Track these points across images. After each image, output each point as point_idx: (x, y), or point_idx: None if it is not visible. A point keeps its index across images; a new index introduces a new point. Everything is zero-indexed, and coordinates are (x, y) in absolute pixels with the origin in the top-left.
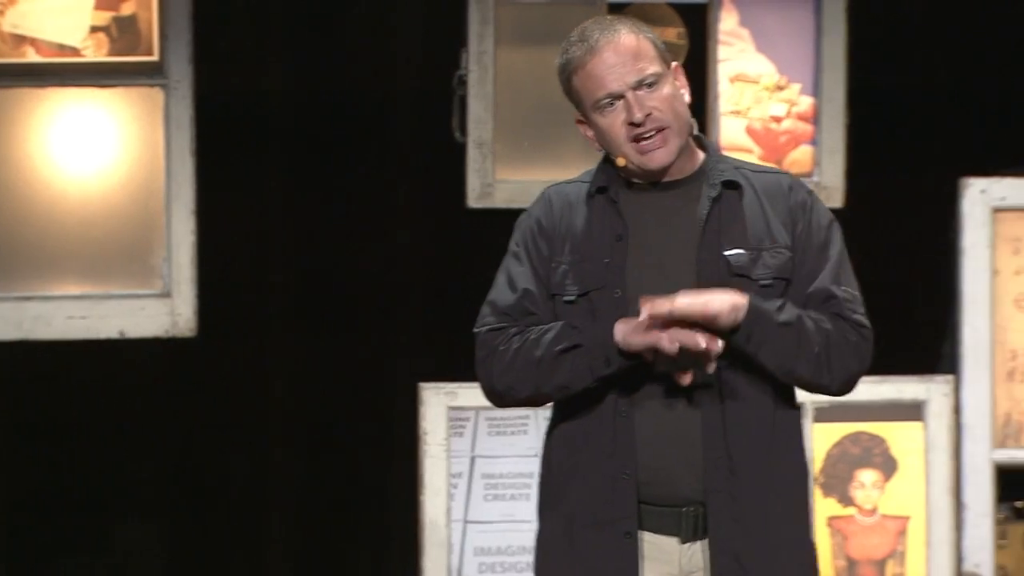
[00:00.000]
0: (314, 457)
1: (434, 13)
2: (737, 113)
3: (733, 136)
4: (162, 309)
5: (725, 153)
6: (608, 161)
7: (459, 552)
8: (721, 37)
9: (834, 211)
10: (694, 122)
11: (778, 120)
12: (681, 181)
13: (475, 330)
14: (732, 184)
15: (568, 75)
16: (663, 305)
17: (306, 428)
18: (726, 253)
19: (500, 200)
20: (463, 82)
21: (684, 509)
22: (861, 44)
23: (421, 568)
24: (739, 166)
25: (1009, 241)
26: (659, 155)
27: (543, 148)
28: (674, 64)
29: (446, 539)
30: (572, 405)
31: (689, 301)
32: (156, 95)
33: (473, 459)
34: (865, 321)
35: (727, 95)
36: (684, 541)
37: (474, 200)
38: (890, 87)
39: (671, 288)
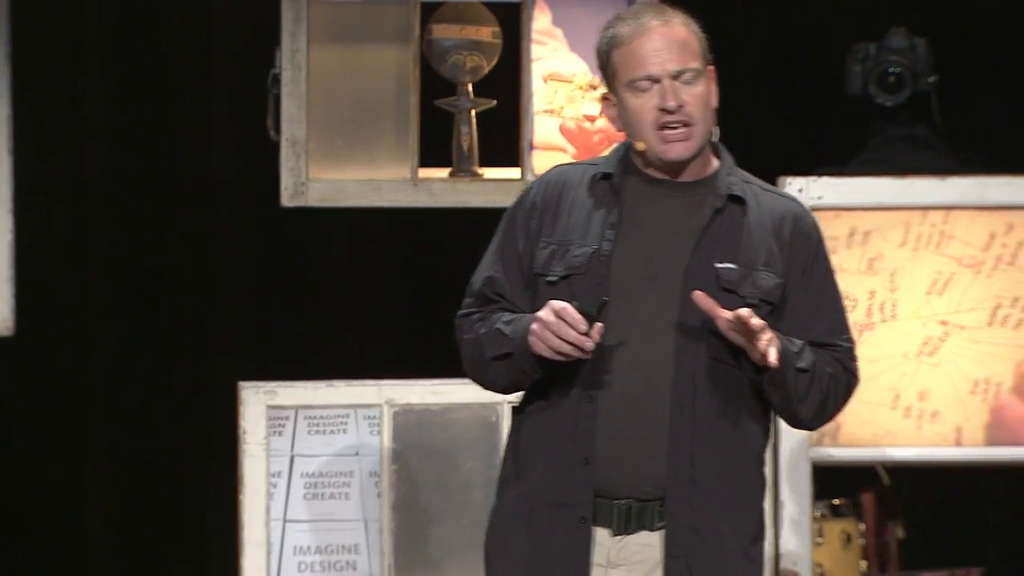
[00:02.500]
0: (133, 457)
1: (249, 11)
2: (551, 112)
3: (547, 135)
4: None
5: (739, 168)
6: (627, 150)
7: (278, 551)
8: (534, 36)
9: None
10: (716, 130)
11: (592, 119)
12: (690, 184)
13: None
14: (737, 199)
15: (610, 48)
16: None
17: (124, 428)
18: (717, 265)
19: (314, 199)
20: (277, 81)
21: (618, 502)
22: None
23: (240, 567)
24: (749, 181)
25: (827, 240)
26: (679, 148)
27: (357, 147)
28: (710, 67)
29: (265, 538)
30: (544, 384)
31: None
32: None
33: (292, 458)
34: (857, 371)
35: (540, 94)
36: (615, 534)
37: (288, 199)
38: None
39: (655, 288)
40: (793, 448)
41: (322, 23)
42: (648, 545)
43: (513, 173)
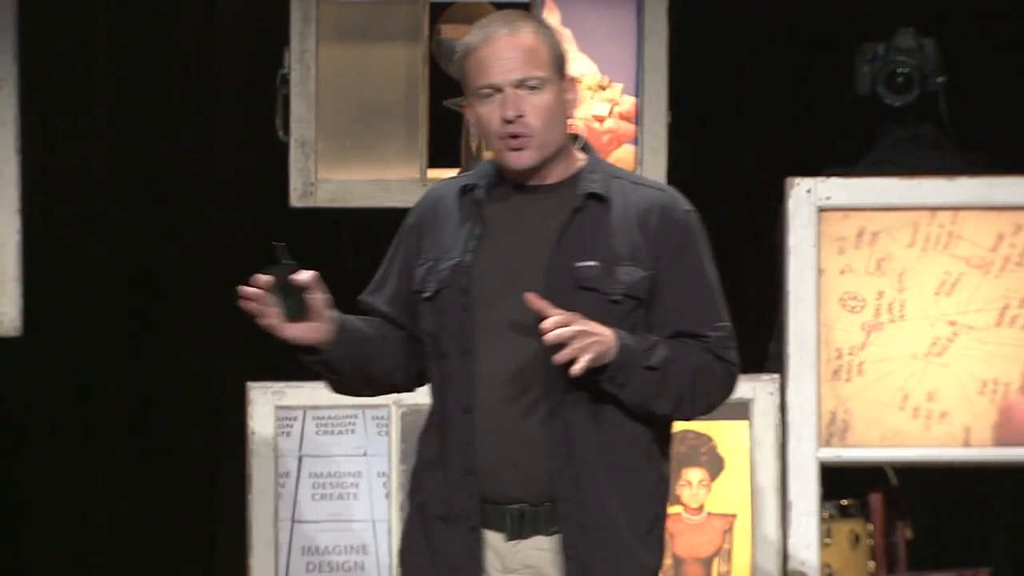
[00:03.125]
0: (141, 458)
1: (258, 11)
2: None
3: None
4: None
5: (610, 163)
6: (492, 161)
7: (287, 552)
8: None
9: None
10: (584, 136)
11: (600, 119)
12: (553, 186)
13: None
14: (597, 196)
15: (462, 58)
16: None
17: (132, 428)
18: (577, 264)
19: (322, 199)
20: (286, 81)
21: (510, 507)
22: (684, 44)
23: (249, 568)
24: (618, 176)
25: (834, 241)
26: (520, 156)
27: (365, 147)
28: (571, 77)
29: (273, 539)
30: (434, 398)
31: (576, 329)
32: None
33: (301, 458)
34: (735, 358)
35: None
36: (509, 539)
37: (297, 199)
38: (714, 87)
39: (517, 292)
40: (801, 449)
41: (331, 23)
42: (542, 549)
43: None
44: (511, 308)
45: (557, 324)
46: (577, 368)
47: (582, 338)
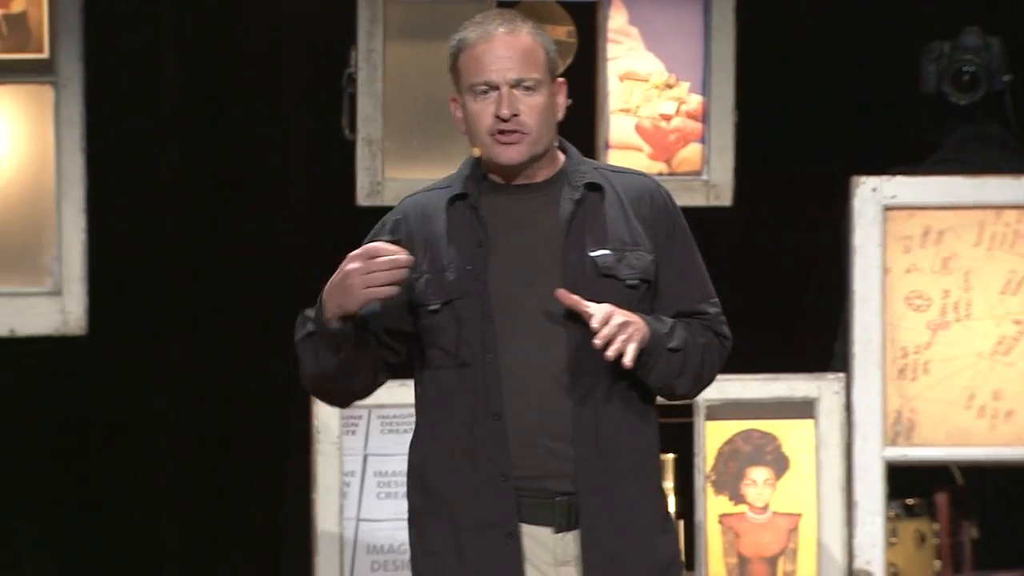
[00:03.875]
0: (206, 456)
1: (324, 10)
2: (627, 111)
3: (623, 134)
4: (53, 307)
5: (584, 156)
6: (473, 166)
7: (352, 550)
8: (610, 35)
9: (723, 209)
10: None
11: (667, 118)
12: (541, 184)
13: None
14: (594, 186)
15: (457, 52)
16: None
17: (197, 427)
18: (592, 254)
19: (389, 198)
20: (352, 80)
21: (557, 499)
22: (751, 42)
23: (314, 566)
24: (599, 167)
25: (899, 239)
26: (511, 151)
27: (432, 146)
28: (560, 80)
29: (339, 537)
30: (442, 410)
31: (619, 322)
32: (47, 93)
33: (366, 457)
34: (728, 332)
35: (616, 93)
36: (558, 531)
37: (363, 198)
38: (781, 85)
39: (537, 291)
40: (867, 448)
41: (397, 22)
42: (566, 542)
43: None
44: (531, 309)
45: (604, 320)
46: (628, 360)
47: (625, 329)
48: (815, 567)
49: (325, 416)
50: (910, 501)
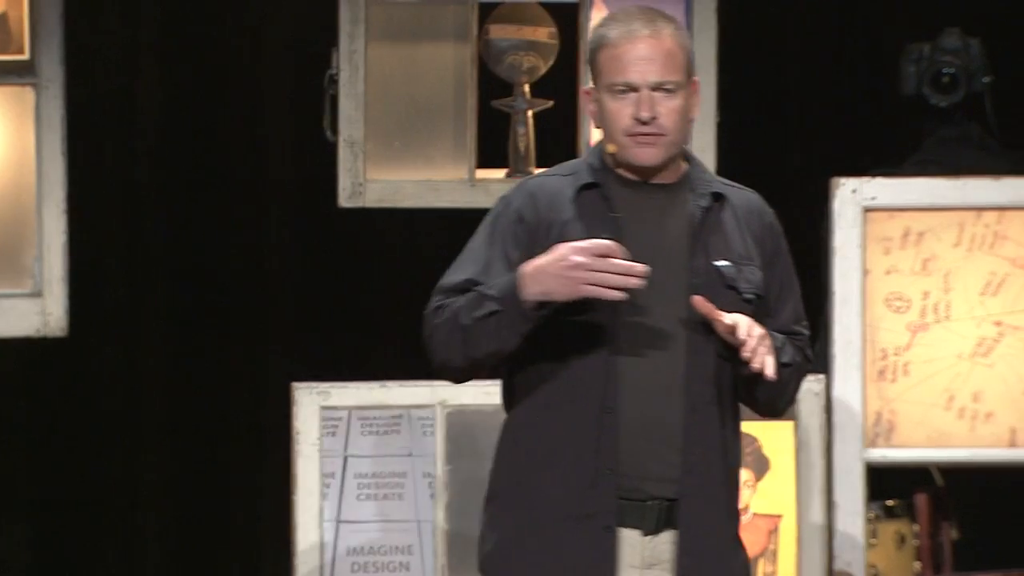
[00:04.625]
0: (186, 457)
1: (305, 12)
2: None
3: None
4: (33, 308)
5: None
6: (601, 158)
7: (332, 552)
8: None
9: None
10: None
11: None
12: (668, 186)
13: (424, 312)
14: (718, 196)
15: (598, 47)
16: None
17: (178, 428)
18: (716, 263)
19: (371, 200)
20: (334, 81)
21: (648, 503)
22: (732, 44)
23: (294, 568)
24: (715, 178)
25: (879, 241)
26: (647, 153)
27: (414, 148)
28: (695, 79)
29: (319, 539)
30: (552, 397)
31: (759, 333)
32: (27, 94)
33: (346, 459)
34: (812, 355)
35: None
36: (646, 534)
37: (345, 200)
38: (762, 86)
39: (661, 292)
40: (847, 449)
41: (379, 23)
42: (658, 544)
43: None
44: (655, 308)
45: (748, 331)
46: (771, 372)
47: (764, 341)
48: (795, 568)
49: (305, 418)
50: (890, 502)
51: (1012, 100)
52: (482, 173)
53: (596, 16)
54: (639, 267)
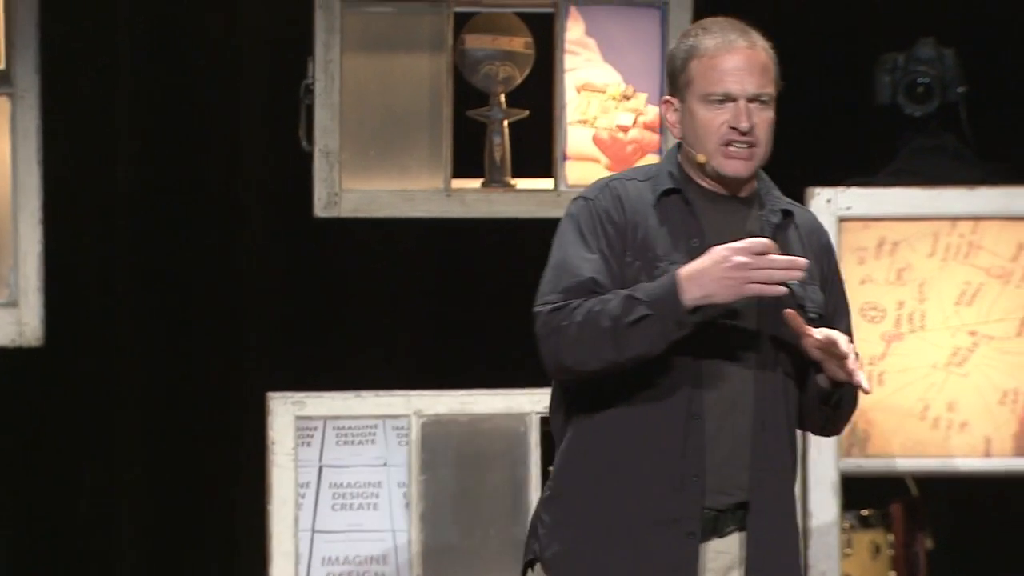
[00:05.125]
0: (162, 467)
1: (281, 22)
2: (584, 122)
3: (580, 145)
4: (8, 319)
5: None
6: (679, 166)
7: (307, 562)
8: (568, 46)
9: None
10: None
11: (625, 129)
12: (746, 200)
13: (536, 310)
14: (788, 213)
15: (688, 57)
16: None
17: (154, 439)
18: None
19: (347, 210)
20: (310, 91)
21: (725, 511)
22: None
23: None
24: (782, 196)
25: (854, 251)
26: (740, 165)
27: (390, 158)
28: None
29: (293, 549)
30: (632, 401)
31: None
32: (3, 104)
33: (321, 469)
34: None
35: (574, 104)
36: (720, 536)
37: (321, 209)
38: None
39: (741, 302)
40: (822, 459)
41: (355, 33)
42: (721, 552)
43: (546, 184)
44: (733, 317)
45: (849, 347)
46: (869, 386)
47: (859, 359)
48: None
49: (280, 427)
50: (865, 512)
51: (987, 110)
52: (458, 183)
53: (572, 26)
54: (801, 261)
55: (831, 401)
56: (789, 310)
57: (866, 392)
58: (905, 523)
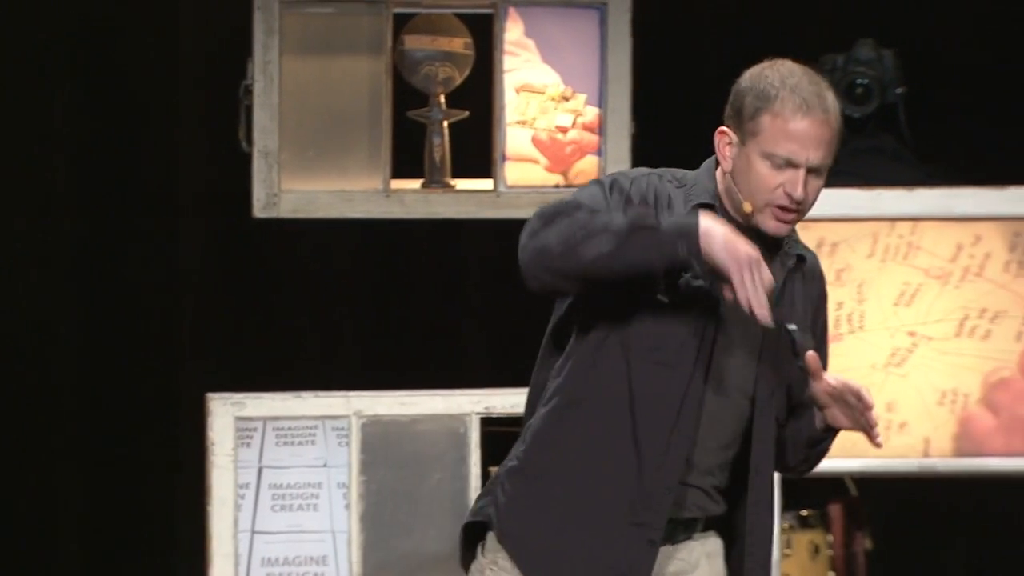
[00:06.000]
0: (100, 469)
1: (219, 22)
2: (523, 123)
3: (519, 146)
4: None
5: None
6: (715, 181)
7: (246, 563)
8: (507, 47)
9: None
10: None
11: (564, 130)
12: (763, 237)
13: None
14: (801, 259)
15: (762, 108)
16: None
17: (92, 439)
18: (789, 326)
19: (286, 210)
20: (249, 92)
21: (681, 522)
22: (647, 55)
23: None
24: (797, 239)
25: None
26: (783, 228)
27: (329, 158)
28: None
29: (233, 550)
30: (619, 403)
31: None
32: None
33: (260, 469)
34: None
35: (513, 105)
36: (673, 544)
37: (260, 210)
38: (677, 97)
39: (741, 342)
40: None
41: (294, 34)
42: (673, 558)
43: (485, 184)
44: (733, 356)
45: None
46: (880, 437)
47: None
48: None
49: (219, 428)
50: (804, 512)
51: (925, 111)
52: (397, 184)
53: (511, 27)
54: (765, 312)
55: (819, 445)
56: (811, 353)
57: (878, 446)
58: (844, 524)
